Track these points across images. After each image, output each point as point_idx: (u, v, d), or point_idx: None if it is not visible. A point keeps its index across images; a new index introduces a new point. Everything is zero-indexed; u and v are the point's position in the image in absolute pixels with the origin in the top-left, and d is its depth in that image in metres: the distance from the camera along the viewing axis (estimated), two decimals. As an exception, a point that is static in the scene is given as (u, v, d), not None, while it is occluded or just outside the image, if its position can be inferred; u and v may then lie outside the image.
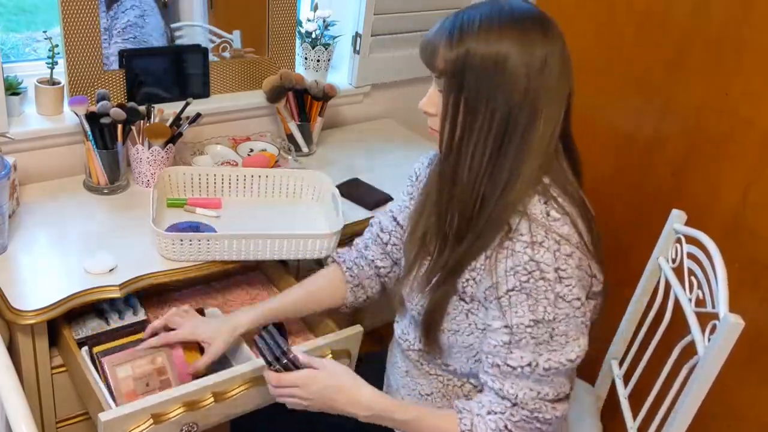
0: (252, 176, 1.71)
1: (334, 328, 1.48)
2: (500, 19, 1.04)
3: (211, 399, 1.25)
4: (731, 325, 1.22)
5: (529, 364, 1.06)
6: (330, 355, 1.39)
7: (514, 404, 1.09)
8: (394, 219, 1.38)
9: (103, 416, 1.15)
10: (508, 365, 1.07)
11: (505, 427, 1.09)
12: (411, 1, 2.13)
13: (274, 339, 1.17)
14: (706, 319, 1.33)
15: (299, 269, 1.71)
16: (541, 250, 1.03)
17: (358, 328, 1.43)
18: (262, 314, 1.36)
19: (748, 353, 1.72)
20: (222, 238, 1.46)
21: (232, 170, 1.70)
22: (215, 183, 1.69)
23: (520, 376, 1.07)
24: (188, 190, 1.68)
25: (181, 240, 1.44)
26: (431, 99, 1.12)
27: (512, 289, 1.05)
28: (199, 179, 1.68)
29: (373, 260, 1.39)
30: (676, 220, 1.53)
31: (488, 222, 1.08)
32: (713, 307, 1.32)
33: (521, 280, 1.04)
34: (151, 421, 1.18)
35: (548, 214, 1.06)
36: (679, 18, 1.80)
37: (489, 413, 1.10)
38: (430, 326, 1.18)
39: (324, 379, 1.15)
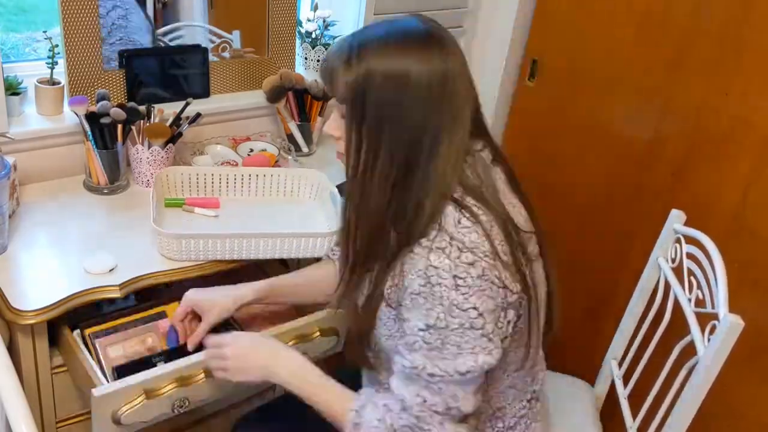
0: (250, 176, 1.70)
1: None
2: (397, 37, 1.04)
3: (203, 375, 1.27)
4: (731, 325, 1.22)
5: (416, 367, 1.06)
6: (318, 333, 1.41)
7: (403, 408, 1.08)
8: None
9: (96, 391, 1.16)
10: (403, 365, 1.08)
11: (391, 425, 1.09)
12: (411, 1, 2.13)
13: None
14: (705, 319, 1.33)
15: (299, 264, 1.71)
16: (441, 256, 1.02)
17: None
18: (266, 290, 1.38)
19: (747, 353, 1.72)
20: (222, 237, 1.46)
21: (231, 170, 1.70)
22: (213, 183, 1.69)
23: (410, 378, 1.07)
24: (186, 190, 1.68)
25: (182, 239, 1.44)
26: (335, 122, 1.12)
27: (413, 293, 1.04)
28: (197, 179, 1.68)
29: None
30: (676, 220, 1.53)
31: (400, 237, 1.07)
32: (713, 307, 1.32)
33: (420, 284, 1.03)
34: (144, 396, 1.20)
35: (459, 222, 1.04)
36: (679, 18, 1.80)
37: (383, 406, 1.11)
38: (362, 337, 1.18)
39: (249, 337, 1.26)
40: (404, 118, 1.03)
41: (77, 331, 1.35)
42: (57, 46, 1.63)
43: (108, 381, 1.27)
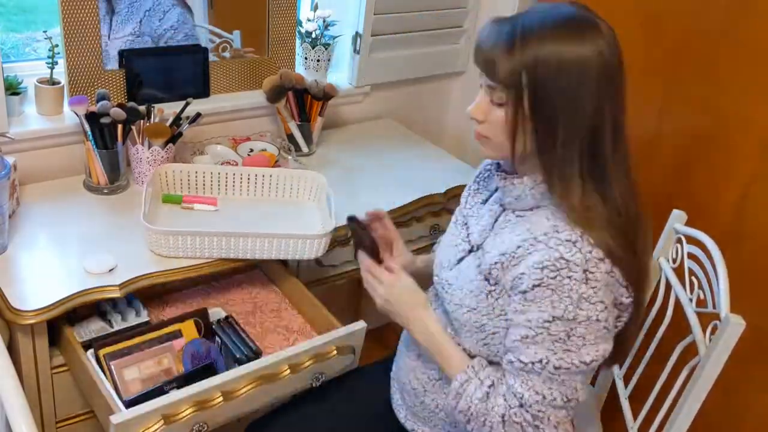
0: (249, 175, 1.70)
1: (337, 324, 1.48)
2: (562, 24, 1.04)
3: (221, 398, 1.26)
4: (732, 325, 1.22)
5: (540, 361, 1.06)
6: (335, 352, 1.40)
7: (521, 405, 1.09)
8: None
9: (114, 419, 1.15)
10: (520, 361, 1.08)
11: (502, 416, 1.10)
12: (411, 1, 2.13)
13: (363, 228, 1.33)
14: (706, 319, 1.33)
15: (299, 268, 1.71)
16: (573, 250, 1.04)
17: (361, 324, 1.44)
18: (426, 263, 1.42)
19: (748, 354, 1.72)
20: (210, 235, 1.45)
21: (229, 169, 1.70)
22: (212, 181, 1.69)
23: (531, 373, 1.08)
24: (185, 188, 1.68)
25: (170, 236, 1.44)
26: (480, 107, 1.11)
27: (538, 284, 1.05)
28: (196, 177, 1.68)
29: None
30: (677, 220, 1.53)
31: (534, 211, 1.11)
32: (714, 307, 1.32)
33: (548, 276, 1.04)
34: (162, 422, 1.19)
35: (592, 218, 1.06)
36: (679, 18, 1.80)
37: (498, 396, 1.11)
38: (452, 301, 1.20)
39: (403, 291, 1.26)
40: (573, 105, 1.03)
41: (91, 351, 1.34)
42: (57, 45, 1.63)
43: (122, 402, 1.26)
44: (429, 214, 1.90)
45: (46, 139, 1.67)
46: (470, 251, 1.21)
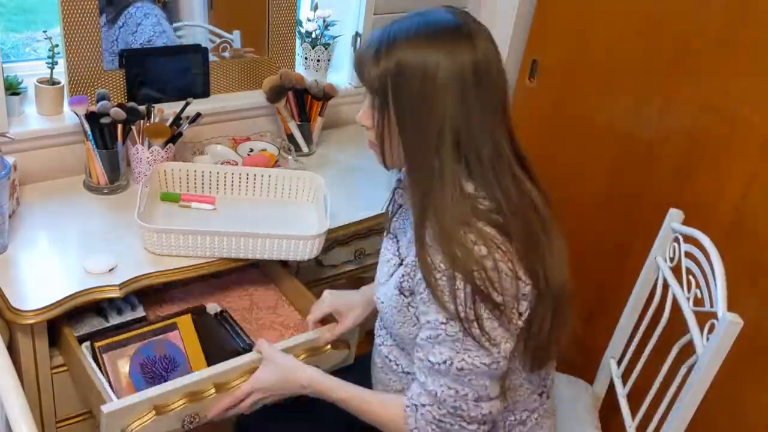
0: (248, 175, 1.71)
1: (333, 320, 1.48)
2: (427, 30, 1.04)
3: (213, 390, 1.26)
4: (730, 324, 1.22)
5: (445, 362, 1.07)
6: (329, 346, 1.41)
7: (436, 400, 1.09)
8: None
9: (105, 408, 1.15)
10: (429, 360, 1.09)
11: (433, 418, 1.10)
12: (411, 1, 2.13)
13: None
14: (704, 318, 1.33)
15: (299, 268, 1.71)
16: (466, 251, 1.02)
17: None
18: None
19: (746, 353, 1.72)
20: (203, 234, 1.45)
21: (228, 168, 1.70)
22: (210, 181, 1.69)
23: (439, 372, 1.08)
24: (183, 187, 1.68)
25: (164, 234, 1.44)
26: (366, 112, 1.13)
27: (431, 286, 1.05)
28: (195, 176, 1.68)
29: None
30: (674, 218, 1.53)
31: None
32: (711, 306, 1.32)
33: (437, 277, 1.04)
34: (153, 412, 1.19)
35: (473, 216, 1.05)
36: (679, 18, 1.80)
37: (420, 405, 1.11)
38: (386, 319, 1.21)
39: (269, 377, 1.27)
40: (433, 110, 1.03)
41: (86, 344, 1.34)
42: (57, 46, 1.64)
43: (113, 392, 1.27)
44: (428, 214, 1.90)
45: (46, 139, 1.67)
46: (400, 264, 1.21)
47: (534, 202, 1.11)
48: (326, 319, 1.46)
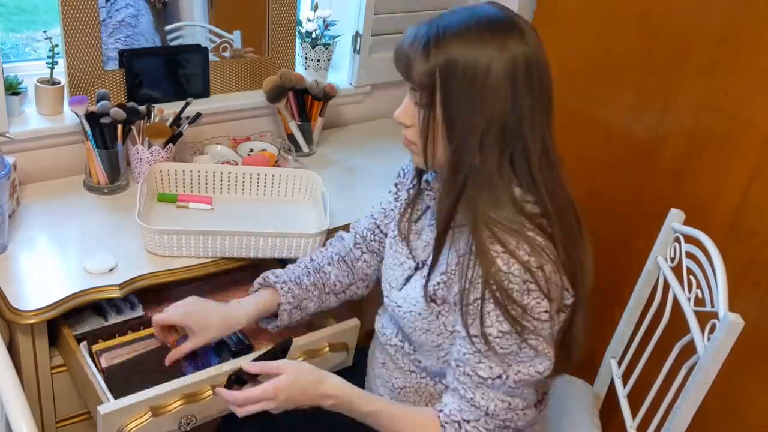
0: (243, 174, 1.70)
1: (331, 321, 1.48)
2: (478, 25, 1.02)
3: (209, 391, 1.25)
4: (731, 324, 1.22)
5: (500, 376, 1.05)
6: (327, 348, 1.40)
7: (487, 414, 1.08)
8: (377, 226, 1.39)
9: (102, 409, 1.15)
10: (478, 375, 1.07)
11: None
12: (411, 1, 2.13)
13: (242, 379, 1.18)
14: (705, 318, 1.33)
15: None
16: (511, 261, 1.01)
17: (355, 321, 1.44)
18: (260, 311, 1.33)
19: (747, 353, 1.72)
20: (202, 234, 1.45)
21: (225, 168, 1.69)
22: (207, 181, 1.69)
23: (491, 387, 1.07)
24: (179, 187, 1.68)
25: (165, 235, 1.44)
26: (406, 110, 1.10)
27: (481, 298, 1.03)
28: (191, 176, 1.67)
29: (330, 280, 1.38)
30: (675, 219, 1.53)
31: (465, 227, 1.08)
32: (712, 306, 1.32)
33: (491, 290, 1.02)
34: (150, 413, 1.19)
35: (523, 224, 1.04)
36: (679, 18, 1.80)
37: (464, 421, 1.10)
38: (405, 324, 1.19)
39: (289, 385, 1.13)
40: (484, 109, 1.01)
41: (84, 344, 1.34)
42: (57, 45, 1.63)
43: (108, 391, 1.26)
44: (429, 214, 1.90)
45: (46, 139, 1.67)
46: (416, 268, 1.20)
47: (573, 203, 1.10)
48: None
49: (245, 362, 1.17)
